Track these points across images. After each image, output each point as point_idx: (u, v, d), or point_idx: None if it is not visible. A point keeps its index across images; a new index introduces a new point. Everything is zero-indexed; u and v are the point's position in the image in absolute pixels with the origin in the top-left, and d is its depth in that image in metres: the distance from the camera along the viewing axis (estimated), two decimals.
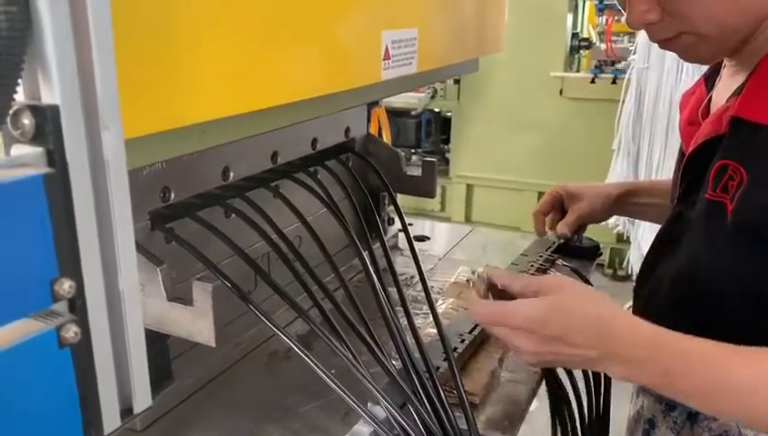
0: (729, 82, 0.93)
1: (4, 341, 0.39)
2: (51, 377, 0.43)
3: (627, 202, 1.25)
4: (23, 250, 0.39)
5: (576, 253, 1.25)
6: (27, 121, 0.41)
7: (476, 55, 1.22)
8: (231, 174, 0.95)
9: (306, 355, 0.79)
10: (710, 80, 1.02)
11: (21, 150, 0.42)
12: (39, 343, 0.41)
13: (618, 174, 3.28)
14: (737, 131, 0.83)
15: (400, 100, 4.08)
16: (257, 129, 0.75)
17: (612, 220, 3.41)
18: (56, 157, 0.41)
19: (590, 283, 1.16)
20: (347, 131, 1.24)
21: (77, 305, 0.44)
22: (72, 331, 0.43)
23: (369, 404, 0.76)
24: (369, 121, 1.33)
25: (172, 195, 0.86)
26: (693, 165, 0.93)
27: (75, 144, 0.42)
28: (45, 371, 0.42)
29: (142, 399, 0.51)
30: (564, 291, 0.74)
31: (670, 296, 0.93)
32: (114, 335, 0.48)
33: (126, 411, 0.50)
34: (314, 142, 1.14)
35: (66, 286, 0.42)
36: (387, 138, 1.54)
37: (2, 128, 0.41)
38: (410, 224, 1.33)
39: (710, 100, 0.98)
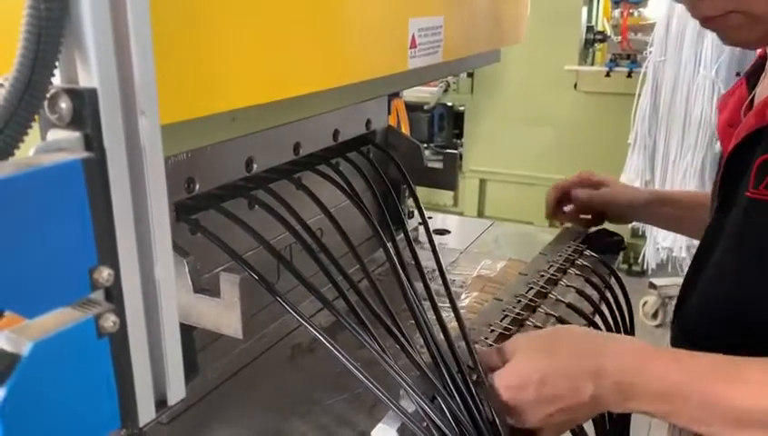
0: None
1: (46, 330, 0.38)
2: (90, 367, 0.42)
3: (655, 209, 1.22)
4: (63, 236, 0.39)
5: (600, 247, 1.23)
6: (64, 105, 0.41)
7: (498, 46, 1.21)
8: (255, 166, 0.94)
9: (334, 347, 0.78)
10: (751, 79, 0.97)
11: (58, 134, 0.41)
12: (79, 333, 0.40)
13: (634, 169, 3.26)
14: None
15: (413, 94, 4.06)
16: (284, 118, 0.74)
17: None
18: (94, 142, 0.41)
19: (616, 274, 1.14)
20: (368, 123, 1.23)
21: (114, 294, 0.43)
22: (110, 321, 0.42)
23: (400, 395, 0.75)
24: (389, 113, 1.32)
25: (197, 186, 0.85)
26: (734, 163, 0.88)
27: (113, 129, 0.41)
28: (85, 361, 0.42)
29: (177, 390, 0.50)
30: (521, 347, 0.76)
31: (711, 303, 0.88)
32: (150, 325, 0.47)
33: (160, 403, 0.50)
34: (336, 133, 1.12)
35: (105, 274, 0.42)
36: (405, 131, 1.53)
37: (39, 112, 0.40)
38: (430, 217, 1.32)
39: (752, 99, 0.94)
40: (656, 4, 3.80)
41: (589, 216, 1.29)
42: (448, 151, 1.35)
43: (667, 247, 3.21)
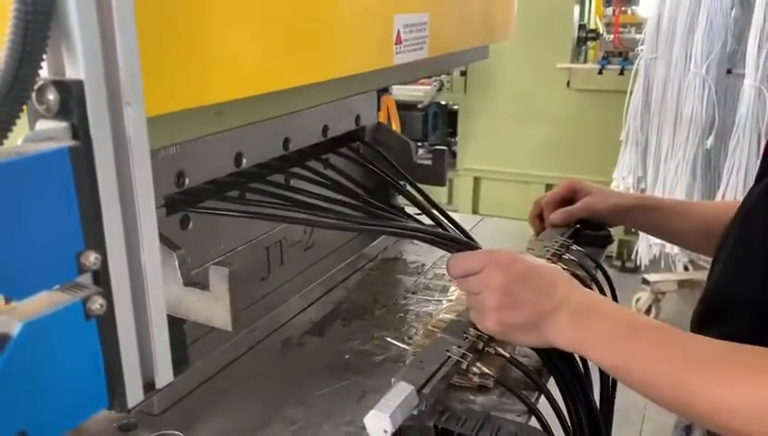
0: None
1: (35, 312, 0.40)
2: (78, 348, 0.44)
3: (641, 215, 1.22)
4: (51, 221, 0.40)
5: (587, 241, 1.24)
6: (52, 96, 0.42)
7: (486, 42, 1.23)
8: (245, 160, 0.95)
9: None
10: None
11: (45, 125, 0.42)
12: (67, 314, 0.42)
13: (626, 165, 3.27)
14: None
15: (407, 93, 4.08)
16: (271, 112, 0.75)
17: None
18: (81, 132, 0.42)
19: (603, 269, 1.15)
20: (357, 118, 1.24)
21: (101, 278, 0.45)
22: (97, 303, 0.44)
23: (392, 380, 0.76)
24: (378, 109, 1.33)
25: (187, 180, 0.86)
26: None
27: (99, 119, 0.43)
28: (73, 342, 0.43)
29: (164, 374, 0.52)
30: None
31: (730, 287, 0.90)
32: (137, 308, 0.48)
33: (149, 386, 0.51)
34: (325, 129, 1.14)
35: (92, 258, 0.43)
36: (396, 128, 1.54)
37: (27, 103, 0.42)
38: (418, 214, 1.33)
39: None
40: (648, 2, 3.82)
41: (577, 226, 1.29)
42: (438, 147, 1.37)
43: (660, 243, 3.22)
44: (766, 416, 0.63)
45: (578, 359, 0.95)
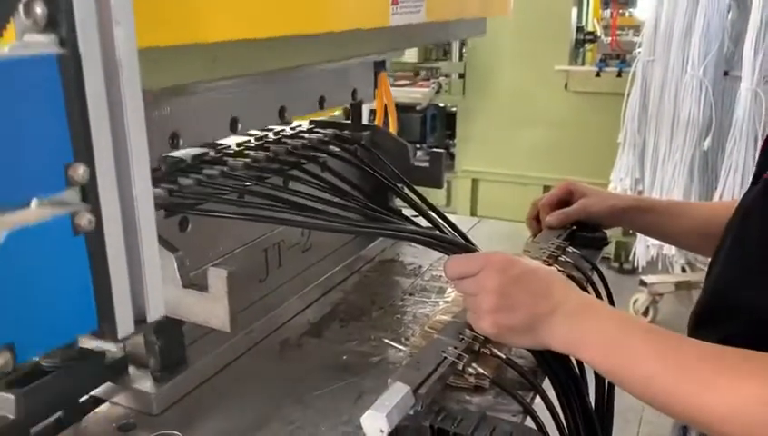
0: None
1: (21, 222, 0.40)
2: (66, 264, 0.43)
3: (637, 216, 1.23)
4: (38, 129, 0.40)
5: (582, 242, 1.25)
6: (39, 10, 0.41)
7: (483, 15, 1.23)
8: (240, 126, 0.95)
9: None
10: None
11: (33, 37, 0.42)
12: (54, 227, 0.42)
13: (624, 167, 3.28)
14: None
15: (405, 95, 4.09)
16: (265, 64, 0.75)
17: None
18: (69, 45, 0.42)
19: (599, 270, 1.16)
20: (354, 92, 1.24)
21: (90, 194, 0.45)
22: (86, 219, 0.44)
23: (389, 380, 0.77)
24: (375, 86, 1.34)
25: (181, 141, 0.86)
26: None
27: (88, 34, 0.42)
28: (61, 257, 0.43)
29: (156, 308, 0.51)
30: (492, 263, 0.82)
31: (728, 289, 0.90)
32: (127, 227, 0.48)
33: (140, 321, 0.51)
34: (321, 100, 1.14)
35: (80, 171, 0.43)
36: (393, 127, 1.55)
37: (14, 16, 0.41)
38: (416, 216, 1.34)
39: None
40: (646, 4, 3.84)
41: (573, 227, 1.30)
42: (435, 149, 1.38)
43: (657, 245, 3.23)
44: (755, 420, 0.64)
45: (573, 360, 0.96)
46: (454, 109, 4.29)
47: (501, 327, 0.81)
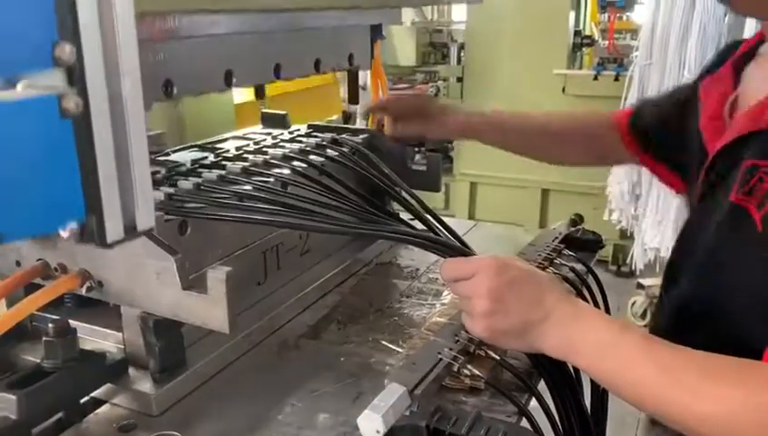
0: None
1: (6, 98, 0.40)
2: (52, 148, 0.43)
3: (488, 130, 1.33)
4: (23, 4, 0.40)
5: (578, 245, 1.27)
6: None
7: None
8: (235, 80, 0.95)
9: None
10: (738, 72, 0.94)
11: None
12: (40, 107, 0.42)
13: (621, 171, 3.30)
14: None
15: None
16: (262, 3, 0.76)
17: (614, 215, 3.44)
18: None
19: (594, 273, 1.18)
20: (351, 57, 1.25)
21: (77, 76, 0.44)
22: (73, 102, 0.44)
23: (385, 381, 0.78)
24: (372, 56, 1.35)
25: (175, 90, 0.86)
26: (719, 164, 0.87)
27: None
28: (47, 140, 0.43)
29: (146, 217, 0.52)
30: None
31: (694, 303, 0.89)
32: (114, 114, 0.48)
33: (131, 228, 0.51)
34: (317, 62, 1.15)
35: (67, 50, 0.43)
36: (384, 91, 1.59)
37: None
38: (412, 219, 1.35)
39: (737, 95, 0.92)
40: (643, 9, 3.86)
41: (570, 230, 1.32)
42: (432, 153, 1.39)
43: (655, 248, 3.25)
44: (743, 427, 0.65)
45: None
46: None
47: (494, 331, 0.81)
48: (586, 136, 1.30)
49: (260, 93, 1.12)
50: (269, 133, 1.33)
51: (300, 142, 1.24)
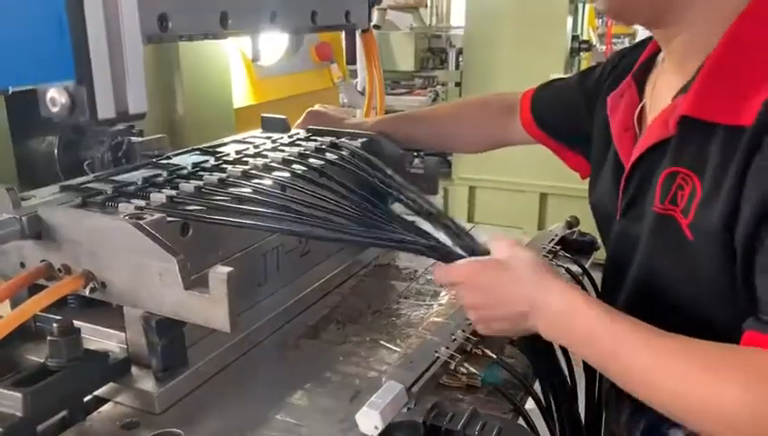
0: (670, 80, 0.86)
1: None
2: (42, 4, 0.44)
3: (400, 126, 1.39)
4: None
5: (573, 248, 1.28)
6: None
7: None
8: (230, 22, 0.96)
9: None
10: (640, 80, 0.95)
11: None
12: None
13: None
14: (688, 133, 0.78)
15: (402, 103, 4.12)
16: None
17: None
18: None
19: (589, 273, 1.19)
20: (347, 15, 1.27)
21: None
22: None
23: (383, 379, 0.80)
24: (369, 20, 1.39)
25: (170, 24, 0.86)
26: (636, 175, 0.88)
27: None
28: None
29: (137, 101, 0.52)
30: (498, 254, 0.85)
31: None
32: None
33: (122, 113, 0.51)
34: (314, 14, 1.16)
35: None
36: (381, 95, 1.64)
37: None
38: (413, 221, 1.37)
39: (644, 103, 0.93)
40: None
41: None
42: (430, 156, 1.40)
43: None
44: (736, 421, 0.65)
45: (564, 362, 0.99)
46: None
47: (493, 331, 0.87)
48: (486, 118, 1.42)
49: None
50: (268, 137, 1.34)
51: (300, 145, 1.25)
